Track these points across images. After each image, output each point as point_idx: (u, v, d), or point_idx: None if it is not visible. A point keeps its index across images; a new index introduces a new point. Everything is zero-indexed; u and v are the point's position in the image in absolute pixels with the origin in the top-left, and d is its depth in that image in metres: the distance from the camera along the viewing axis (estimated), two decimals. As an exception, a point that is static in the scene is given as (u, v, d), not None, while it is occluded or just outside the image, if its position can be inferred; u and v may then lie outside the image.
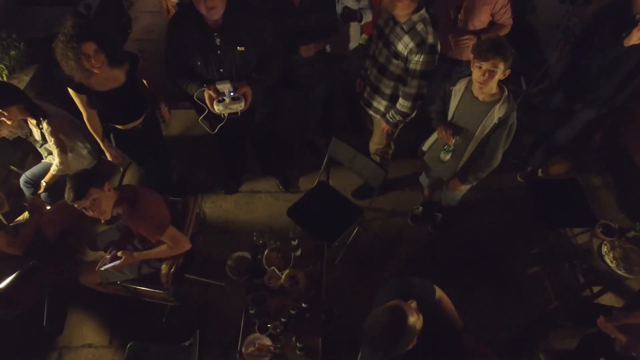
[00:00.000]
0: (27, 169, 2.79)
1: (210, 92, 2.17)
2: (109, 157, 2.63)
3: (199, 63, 2.21)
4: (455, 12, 2.58)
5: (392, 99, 2.50)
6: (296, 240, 2.22)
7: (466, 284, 2.82)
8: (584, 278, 2.67)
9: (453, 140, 2.20)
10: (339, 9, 2.66)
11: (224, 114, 2.26)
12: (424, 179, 2.83)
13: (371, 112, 2.69)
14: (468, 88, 2.10)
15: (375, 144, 2.87)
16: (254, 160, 3.34)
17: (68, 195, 1.91)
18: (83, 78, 2.07)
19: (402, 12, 2.20)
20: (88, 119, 2.35)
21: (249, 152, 3.26)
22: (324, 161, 2.78)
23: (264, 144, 3.14)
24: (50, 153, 2.63)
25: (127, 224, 2.16)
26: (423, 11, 2.21)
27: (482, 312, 2.72)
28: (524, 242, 3.02)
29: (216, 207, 3.22)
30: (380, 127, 2.69)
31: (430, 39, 2.19)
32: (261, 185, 3.33)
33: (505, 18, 2.58)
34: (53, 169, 2.60)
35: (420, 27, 2.18)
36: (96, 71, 2.07)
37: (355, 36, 2.85)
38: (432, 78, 2.34)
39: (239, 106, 2.20)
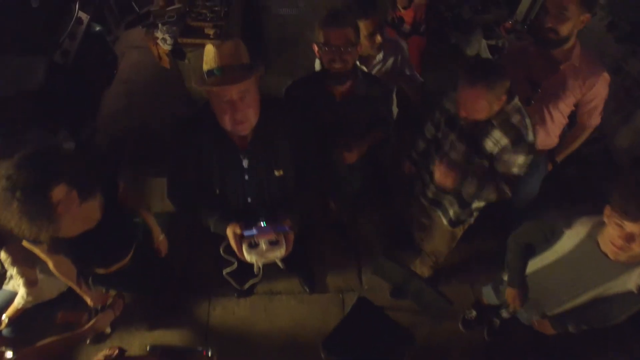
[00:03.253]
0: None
1: (236, 230, 1.54)
2: (89, 303, 1.96)
3: (217, 191, 1.62)
4: (531, 91, 2.04)
5: (463, 202, 1.99)
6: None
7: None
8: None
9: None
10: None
11: (258, 265, 1.61)
12: (490, 296, 2.24)
13: (439, 213, 2.14)
14: (592, 236, 1.45)
15: (436, 246, 2.38)
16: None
17: None
18: (51, 232, 1.39)
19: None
20: (56, 267, 1.73)
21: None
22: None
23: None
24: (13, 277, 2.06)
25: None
26: (516, 100, 1.68)
27: None
28: (607, 349, 2.50)
29: (228, 314, 2.64)
30: (443, 229, 2.19)
31: (530, 136, 1.68)
32: (281, 284, 2.74)
33: (594, 118, 2.04)
34: (18, 302, 2.03)
35: (516, 119, 1.67)
36: (67, 217, 1.41)
37: None
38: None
39: (279, 253, 1.55)
